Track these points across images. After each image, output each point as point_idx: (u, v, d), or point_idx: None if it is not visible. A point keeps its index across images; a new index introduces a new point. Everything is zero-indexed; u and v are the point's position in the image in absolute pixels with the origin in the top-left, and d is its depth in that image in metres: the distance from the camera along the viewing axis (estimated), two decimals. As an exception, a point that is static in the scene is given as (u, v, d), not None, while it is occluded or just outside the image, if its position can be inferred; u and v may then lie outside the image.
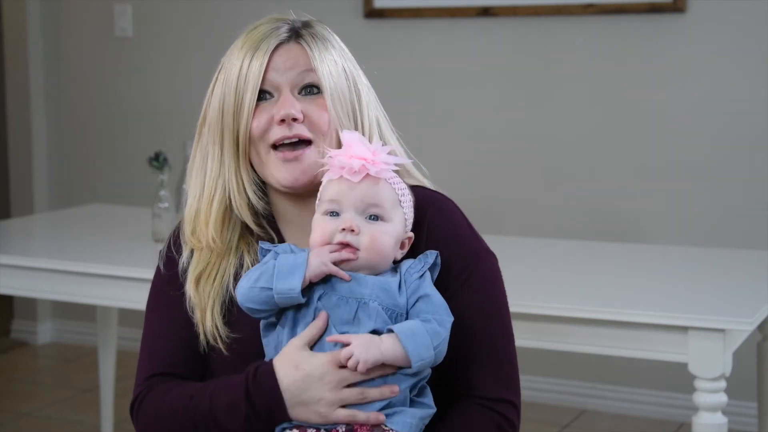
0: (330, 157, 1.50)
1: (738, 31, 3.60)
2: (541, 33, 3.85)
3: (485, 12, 3.90)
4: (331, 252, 1.48)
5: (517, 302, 2.32)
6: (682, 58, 3.67)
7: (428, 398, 1.51)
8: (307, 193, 1.58)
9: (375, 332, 1.46)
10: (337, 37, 1.66)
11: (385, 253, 1.50)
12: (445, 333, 1.47)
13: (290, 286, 1.46)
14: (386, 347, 1.44)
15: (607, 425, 3.78)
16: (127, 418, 3.46)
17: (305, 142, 1.58)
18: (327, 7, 4.06)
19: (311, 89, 1.59)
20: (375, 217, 1.50)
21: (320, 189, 1.53)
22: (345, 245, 1.48)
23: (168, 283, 1.65)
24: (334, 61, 1.61)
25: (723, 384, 2.23)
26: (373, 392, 1.46)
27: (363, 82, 1.65)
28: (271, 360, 1.50)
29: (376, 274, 1.50)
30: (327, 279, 1.48)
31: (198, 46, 4.38)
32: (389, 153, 1.53)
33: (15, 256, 2.91)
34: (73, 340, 4.81)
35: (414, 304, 1.49)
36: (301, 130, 1.57)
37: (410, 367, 1.45)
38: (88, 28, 4.67)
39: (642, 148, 3.75)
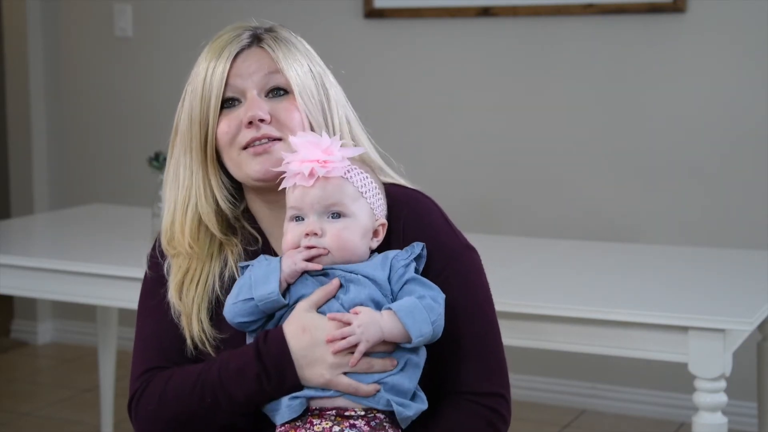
0: (286, 163, 1.52)
1: (738, 31, 3.60)
2: (541, 33, 3.85)
3: (485, 12, 3.90)
4: (299, 253, 1.51)
5: (516, 302, 2.33)
6: (682, 58, 3.67)
7: (421, 395, 1.53)
8: (278, 195, 1.59)
9: (372, 301, 1.50)
10: (302, 40, 1.68)
11: (353, 247, 1.52)
12: (440, 309, 1.51)
13: (268, 290, 1.50)
14: (386, 324, 1.47)
15: (607, 425, 3.78)
16: (127, 417, 3.46)
17: (274, 140, 1.59)
18: (327, 7, 4.06)
19: (278, 92, 1.61)
20: (337, 215, 1.52)
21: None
22: (312, 248, 1.51)
23: (157, 284, 1.67)
24: (300, 62, 1.62)
25: (723, 384, 2.23)
26: (378, 363, 1.48)
27: (331, 81, 1.67)
28: (279, 325, 1.52)
29: None
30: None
31: (198, 46, 4.38)
32: (343, 145, 1.54)
33: (15, 256, 2.91)
34: (73, 340, 4.81)
35: (402, 287, 1.52)
36: (269, 131, 1.59)
37: (410, 342, 1.48)
38: (88, 28, 4.67)
39: (642, 148, 3.75)
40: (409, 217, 1.60)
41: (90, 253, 2.94)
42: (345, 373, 1.48)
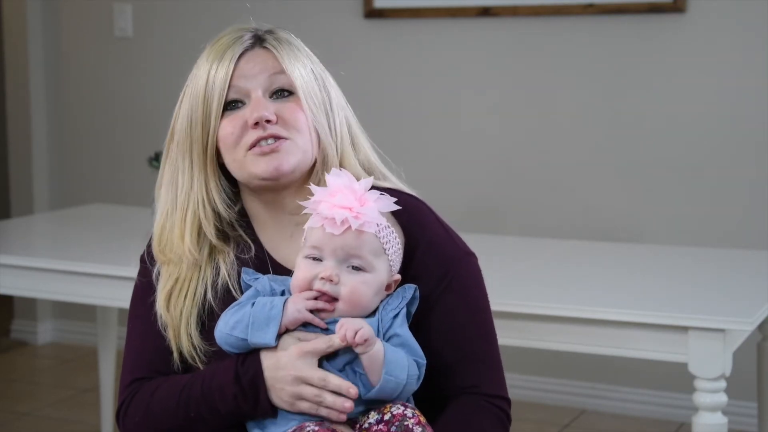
0: (316, 201, 1.49)
1: (738, 31, 3.60)
2: (541, 33, 3.85)
3: (485, 12, 3.90)
4: (307, 299, 1.48)
5: (516, 302, 2.33)
6: (682, 58, 3.67)
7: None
8: (277, 195, 1.59)
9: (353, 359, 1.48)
10: (301, 43, 1.67)
11: (364, 304, 1.50)
12: (416, 372, 1.49)
13: (265, 340, 1.49)
14: (378, 349, 1.45)
15: (607, 425, 3.78)
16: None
17: (281, 138, 1.58)
18: (327, 7, 4.06)
19: (282, 93, 1.59)
20: (357, 268, 1.49)
21: (305, 229, 1.53)
22: (323, 294, 1.48)
23: (146, 290, 1.66)
24: (303, 63, 1.61)
25: (723, 384, 2.23)
26: (334, 380, 1.46)
27: (331, 83, 1.66)
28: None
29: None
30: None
31: (198, 47, 4.37)
32: (377, 194, 1.51)
33: (15, 256, 2.90)
34: (73, 340, 4.81)
35: (388, 341, 1.50)
36: (276, 130, 1.57)
37: (378, 380, 1.45)
38: (88, 28, 4.67)
39: (642, 147, 3.75)
40: (408, 225, 1.59)
41: (90, 253, 2.94)
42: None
